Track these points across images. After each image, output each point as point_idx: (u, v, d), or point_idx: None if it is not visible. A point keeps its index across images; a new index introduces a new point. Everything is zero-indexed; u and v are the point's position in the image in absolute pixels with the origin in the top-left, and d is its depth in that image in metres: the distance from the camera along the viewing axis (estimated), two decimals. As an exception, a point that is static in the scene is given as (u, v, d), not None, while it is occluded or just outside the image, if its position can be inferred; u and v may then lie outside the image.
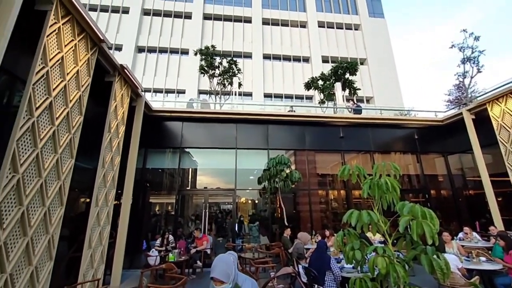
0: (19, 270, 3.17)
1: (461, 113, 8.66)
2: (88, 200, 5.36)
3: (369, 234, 5.45)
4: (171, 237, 6.92)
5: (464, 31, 17.11)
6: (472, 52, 16.86)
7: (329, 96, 13.92)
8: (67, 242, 5.29)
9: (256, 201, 10.65)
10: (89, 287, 4.47)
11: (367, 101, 22.89)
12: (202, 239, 6.77)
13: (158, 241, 6.79)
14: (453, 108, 16.86)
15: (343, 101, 14.13)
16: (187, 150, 9.39)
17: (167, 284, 3.70)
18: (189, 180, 10.03)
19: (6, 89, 3.92)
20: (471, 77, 17.24)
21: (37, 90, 3.51)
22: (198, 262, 6.41)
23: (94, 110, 5.62)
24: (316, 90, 14.75)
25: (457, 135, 9.48)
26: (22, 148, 3.24)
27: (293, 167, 8.33)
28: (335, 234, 4.04)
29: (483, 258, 4.48)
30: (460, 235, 6.38)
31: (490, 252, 5.11)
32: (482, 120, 7.86)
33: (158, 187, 9.16)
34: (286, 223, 7.47)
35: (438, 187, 10.07)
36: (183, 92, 20.82)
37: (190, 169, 10.04)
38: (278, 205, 8.80)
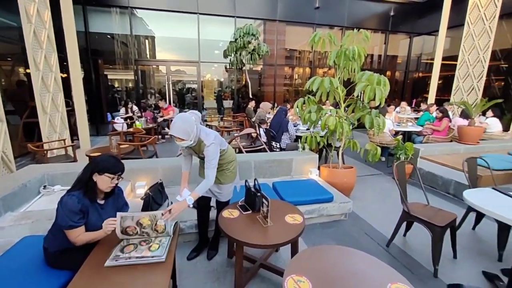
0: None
1: (444, -12, 8.02)
2: (28, 70, 4.70)
3: (324, 107, 6.07)
4: (135, 107, 6.87)
5: None
6: None
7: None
8: (18, 108, 5.00)
9: (222, 80, 10.42)
10: (59, 152, 4.54)
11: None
12: (168, 109, 6.86)
13: (122, 111, 6.74)
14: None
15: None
16: (139, 14, 7.82)
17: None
18: (147, 51, 8.98)
19: None
20: None
21: None
22: (166, 128, 6.76)
23: None
24: None
25: (431, 14, 9.24)
26: None
27: (261, 39, 7.71)
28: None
29: (410, 124, 5.51)
30: (398, 109, 7.46)
31: (415, 120, 6.28)
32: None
33: (110, 57, 8.10)
34: (251, 96, 7.74)
35: (394, 68, 10.73)
36: None
37: (147, 40, 8.79)
38: (244, 81, 8.78)
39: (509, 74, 7.44)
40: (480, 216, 2.62)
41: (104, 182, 1.48)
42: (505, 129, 6.04)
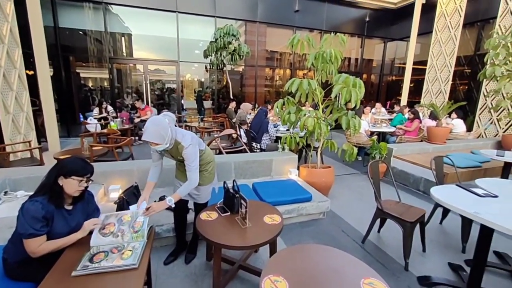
0: None
1: (415, -4, 8.51)
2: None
3: (304, 108, 6.20)
4: (109, 107, 6.56)
5: None
6: None
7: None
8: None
9: (202, 80, 10.28)
10: (24, 155, 4.24)
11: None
12: (145, 109, 6.63)
13: (95, 111, 6.41)
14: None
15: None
16: (114, 10, 7.49)
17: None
18: (123, 49, 8.62)
19: None
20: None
21: None
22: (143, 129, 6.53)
23: None
24: None
25: (403, 21, 9.74)
26: None
27: (242, 40, 7.71)
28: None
29: (384, 124, 5.77)
30: (373, 110, 7.79)
31: (390, 121, 6.59)
32: (429, 7, 7.97)
33: (83, 54, 7.70)
34: (232, 97, 7.71)
35: (370, 72, 11.19)
36: None
37: (124, 38, 8.44)
38: (225, 82, 8.72)
39: (472, 79, 8.03)
40: (446, 211, 2.80)
41: (71, 186, 1.39)
42: (469, 129, 6.52)
